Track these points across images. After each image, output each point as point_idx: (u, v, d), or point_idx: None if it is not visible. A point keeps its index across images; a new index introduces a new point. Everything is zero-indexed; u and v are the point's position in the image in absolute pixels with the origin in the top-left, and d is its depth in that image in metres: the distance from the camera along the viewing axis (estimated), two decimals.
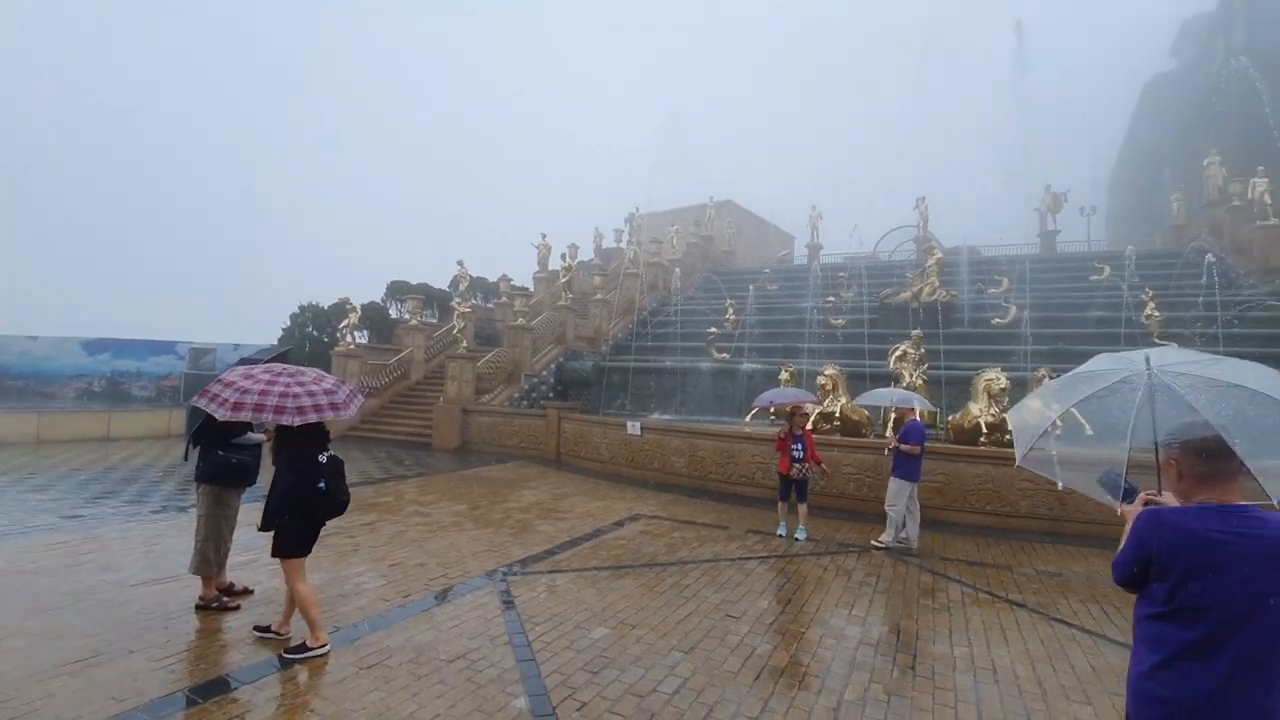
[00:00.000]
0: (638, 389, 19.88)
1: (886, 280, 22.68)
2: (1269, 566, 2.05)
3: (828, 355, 17.22)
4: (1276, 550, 2.05)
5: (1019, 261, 23.94)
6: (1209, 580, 2.05)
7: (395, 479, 11.95)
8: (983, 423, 11.12)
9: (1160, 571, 2.14)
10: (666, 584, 6.24)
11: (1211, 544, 2.06)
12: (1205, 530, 2.08)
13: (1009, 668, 4.63)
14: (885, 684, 4.32)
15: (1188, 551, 2.08)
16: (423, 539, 7.63)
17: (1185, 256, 21.28)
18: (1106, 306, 18.47)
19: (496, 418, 16.88)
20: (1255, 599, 2.03)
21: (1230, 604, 2.04)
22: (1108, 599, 6.29)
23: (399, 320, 26.08)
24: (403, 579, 6.13)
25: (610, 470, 13.16)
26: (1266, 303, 16.46)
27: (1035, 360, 14.83)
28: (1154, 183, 40.66)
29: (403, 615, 5.22)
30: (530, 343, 20.35)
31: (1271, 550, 2.05)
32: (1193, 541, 2.08)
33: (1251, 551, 2.05)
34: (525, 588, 6.00)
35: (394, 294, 28.78)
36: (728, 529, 8.70)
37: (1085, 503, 9.06)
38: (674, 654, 4.64)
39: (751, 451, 11.25)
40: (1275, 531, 2.06)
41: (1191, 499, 2.21)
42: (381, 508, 9.31)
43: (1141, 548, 2.19)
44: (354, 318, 20.46)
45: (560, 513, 9.37)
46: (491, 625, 5.06)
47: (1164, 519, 2.17)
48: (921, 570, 7.09)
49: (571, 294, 22.86)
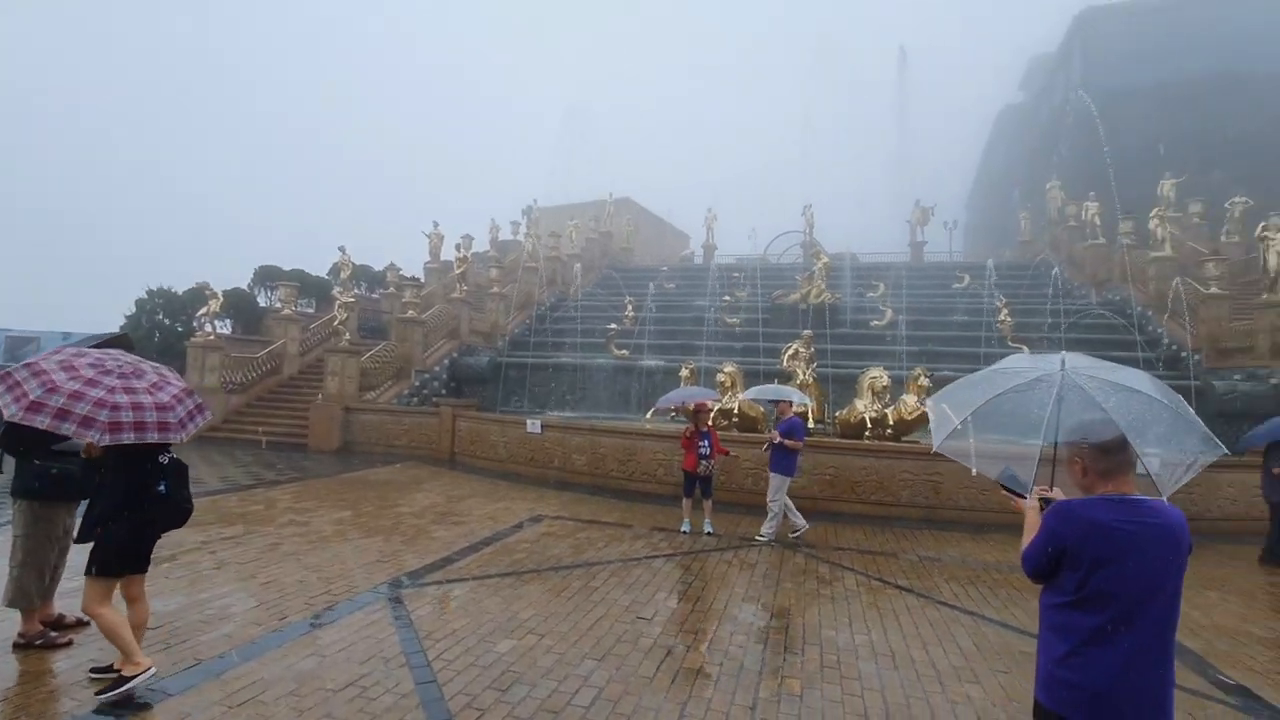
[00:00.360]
0: (536, 386, 19.42)
1: (778, 282, 23.68)
2: (1165, 552, 2.19)
3: (725, 353, 17.70)
4: (1171, 536, 2.20)
5: (893, 269, 25.89)
6: (1114, 569, 2.16)
7: (266, 485, 10.82)
8: (867, 418, 11.83)
9: (1072, 562, 2.23)
10: (574, 588, 6.03)
11: (1117, 534, 2.17)
12: (1111, 521, 2.19)
13: (905, 652, 4.86)
14: (798, 677, 4.38)
15: (1096, 542, 2.19)
16: (301, 552, 6.90)
17: (1033, 269, 23.97)
18: (967, 312, 20.39)
19: (384, 416, 15.82)
20: (1153, 583, 2.17)
21: (1133, 590, 2.16)
22: (981, 580, 6.83)
23: (269, 309, 23.77)
24: (278, 599, 5.47)
25: (509, 470, 12.71)
26: (1096, 311, 18.86)
27: (908, 360, 16.06)
28: (1005, 202, 45.57)
29: (279, 641, 4.63)
30: (422, 336, 19.26)
31: (1167, 536, 2.20)
32: (1101, 532, 2.19)
33: (1151, 539, 2.18)
34: (422, 601, 5.56)
35: (263, 280, 26.18)
36: (632, 527, 8.62)
37: (956, 491, 9.88)
38: (587, 663, 4.45)
39: (654, 449, 11.26)
40: (1169, 519, 2.22)
41: (1093, 492, 2.33)
42: (250, 518, 8.36)
43: (1054, 540, 2.28)
44: (215, 305, 18.32)
45: (457, 516, 8.86)
46: (385, 645, 4.61)
47: (1074, 511, 2.27)
48: (819, 561, 7.36)
49: (467, 286, 21.92)
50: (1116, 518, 2.19)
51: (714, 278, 23.83)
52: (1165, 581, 2.19)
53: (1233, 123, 34.20)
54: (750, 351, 17.78)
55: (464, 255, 22.60)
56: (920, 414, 11.69)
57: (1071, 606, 2.25)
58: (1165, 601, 2.20)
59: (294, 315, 20.51)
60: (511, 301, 24.04)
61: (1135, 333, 17.34)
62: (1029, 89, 52.26)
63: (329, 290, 25.77)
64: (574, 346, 20.65)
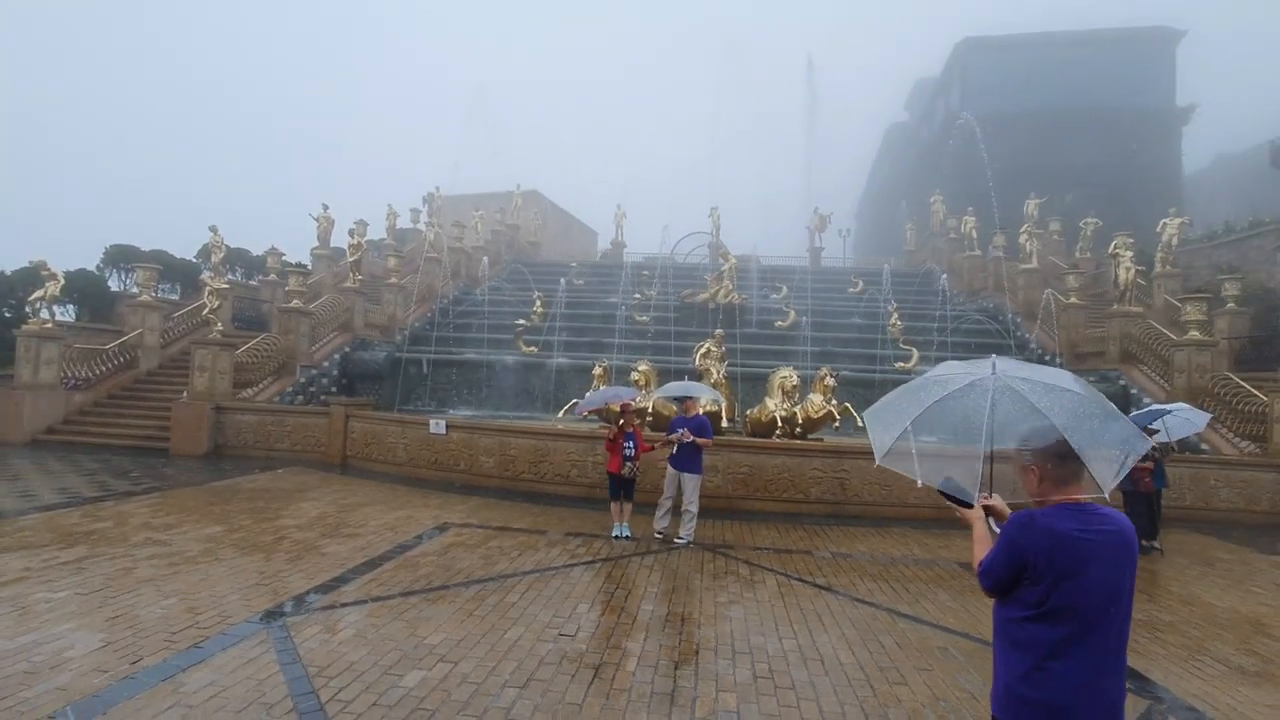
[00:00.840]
0: (438, 383, 18.38)
1: (686, 281, 23.91)
2: (1123, 558, 2.16)
3: (636, 351, 17.54)
4: (1125, 542, 2.17)
5: (794, 272, 26.92)
6: (1078, 580, 2.10)
7: (117, 496, 9.38)
8: (778, 417, 12.06)
9: (1033, 575, 2.15)
10: (488, 605, 5.56)
11: (1079, 544, 2.10)
12: (1072, 531, 2.12)
13: (833, 655, 4.83)
14: (733, 690, 4.20)
15: (1061, 554, 2.11)
16: (160, 577, 5.93)
17: (920, 277, 25.70)
18: (862, 315, 21.53)
19: (263, 416, 14.29)
20: (1113, 592, 2.13)
21: (1095, 600, 2.10)
22: (891, 576, 7.04)
23: (123, 294, 20.94)
24: (131, 636, 4.61)
25: (409, 473, 11.83)
26: (974, 316, 20.50)
27: (809, 359, 16.66)
28: (890, 214, 48.79)
29: (132, 690, 3.86)
30: (309, 328, 17.65)
31: (1123, 545, 2.16)
32: (1064, 543, 2.11)
33: (1109, 548, 2.13)
34: (312, 630, 4.89)
35: (115, 260, 23.00)
36: (546, 533, 8.20)
37: (861, 488, 10.25)
38: (508, 691, 4.04)
39: (567, 449, 10.87)
40: (1121, 525, 2.18)
41: (1049, 500, 2.26)
42: (96, 537, 7.14)
43: (1015, 553, 2.19)
44: (54, 287, 15.77)
45: (352, 528, 8.05)
46: (267, 687, 3.97)
47: (1037, 522, 2.18)
48: (738, 562, 7.31)
49: (361, 275, 20.39)
50: (1077, 527, 2.13)
51: (626, 275, 23.68)
52: (1123, 589, 2.16)
53: (1080, 153, 38.58)
54: (661, 350, 17.75)
55: (358, 242, 20.98)
56: (826, 412, 12.08)
57: (1033, 620, 2.17)
58: (1123, 610, 2.17)
59: (154, 302, 18.13)
60: (412, 293, 22.68)
61: (1009, 337, 18.98)
62: (913, 109, 56.37)
63: (197, 275, 23.12)
64: (479, 342, 19.75)
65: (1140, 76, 39.42)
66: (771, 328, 20.42)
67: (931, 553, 8.05)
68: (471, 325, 21.38)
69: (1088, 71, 39.41)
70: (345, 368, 18.53)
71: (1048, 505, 2.24)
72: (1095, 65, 39.44)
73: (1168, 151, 39.59)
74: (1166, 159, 39.26)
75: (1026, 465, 2.33)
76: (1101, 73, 39.25)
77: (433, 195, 30.09)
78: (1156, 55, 40.37)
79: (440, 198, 30.32)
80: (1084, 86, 39.12)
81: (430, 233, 25.39)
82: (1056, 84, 39.83)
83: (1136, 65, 39.44)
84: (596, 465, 10.39)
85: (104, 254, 23.05)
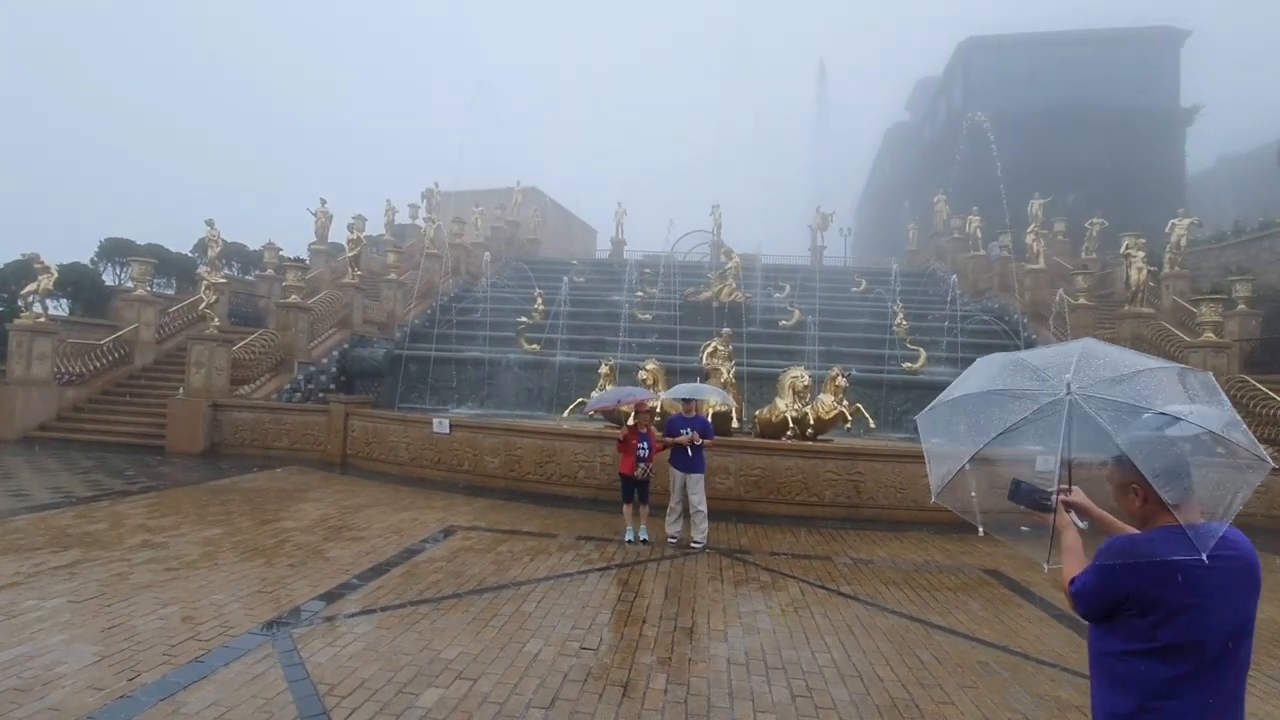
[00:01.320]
0: (439, 381, 18.05)
1: (689, 279, 23.63)
2: (1247, 591, 1.92)
3: (640, 349, 17.26)
4: (1250, 572, 1.93)
5: (797, 271, 26.68)
6: (1193, 615, 1.85)
7: (112, 496, 9.08)
8: (789, 417, 11.80)
9: (1141, 608, 1.90)
10: (504, 615, 5.30)
11: (1194, 575, 1.85)
12: (1184, 560, 1.86)
13: (871, 671, 4.59)
14: (772, 711, 3.95)
15: (1172, 586, 1.86)
16: (158, 583, 5.65)
17: (924, 276, 25.50)
18: (867, 314, 21.30)
19: (261, 414, 13.98)
20: (1235, 628, 1.89)
21: (1217, 636, 1.87)
22: (916, 583, 6.80)
23: (118, 289, 20.53)
24: (128, 649, 4.34)
25: (412, 474, 11.55)
26: (980, 316, 20.30)
27: (813, 358, 16.41)
28: (891, 213, 48.66)
29: (130, 711, 3.59)
30: (307, 325, 17.33)
31: (1246, 572, 1.92)
32: (1175, 575, 1.86)
33: (1230, 576, 1.89)
34: (319, 642, 4.62)
35: (110, 254, 22.58)
36: (556, 537, 7.94)
37: (876, 491, 10.01)
38: (533, 713, 3.78)
39: (574, 449, 10.60)
40: (1244, 550, 1.94)
41: (1153, 522, 2.00)
42: (90, 540, 6.85)
43: (1112, 585, 1.93)
44: (47, 281, 15.42)
45: (355, 530, 7.77)
46: (275, 707, 3.70)
47: (1138, 550, 1.92)
48: (757, 568, 7.06)
49: (360, 271, 20.07)
50: (1189, 555, 1.85)
51: (629, 273, 23.39)
52: (1247, 623, 1.92)
53: (1082, 153, 38.45)
54: (666, 349, 17.48)
55: (357, 237, 20.67)
56: (837, 413, 11.83)
57: (1142, 656, 1.92)
58: (1245, 645, 1.93)
59: (149, 297, 17.77)
60: (411, 290, 22.35)
61: (1016, 338, 18.78)
62: (914, 109, 56.18)
63: (193, 269, 22.73)
64: (481, 340, 19.44)
65: (1144, 77, 39.34)
66: (776, 327, 20.18)
67: (954, 559, 7.82)
68: (473, 322, 21.07)
69: (1091, 72, 39.28)
70: (344, 365, 18.21)
71: (1153, 529, 1.99)
72: (1098, 65, 39.32)
73: (1171, 152, 39.52)
74: (1170, 160, 39.19)
75: (1125, 482, 2.05)
76: (1104, 73, 39.13)
77: (431, 191, 29.75)
78: (1160, 55, 40.29)
79: (439, 194, 29.98)
80: (1087, 87, 39.00)
81: (430, 228, 25.05)
82: (1059, 84, 39.70)
83: (1140, 65, 39.34)
84: (605, 466, 10.14)
85: (98, 247, 22.64)
